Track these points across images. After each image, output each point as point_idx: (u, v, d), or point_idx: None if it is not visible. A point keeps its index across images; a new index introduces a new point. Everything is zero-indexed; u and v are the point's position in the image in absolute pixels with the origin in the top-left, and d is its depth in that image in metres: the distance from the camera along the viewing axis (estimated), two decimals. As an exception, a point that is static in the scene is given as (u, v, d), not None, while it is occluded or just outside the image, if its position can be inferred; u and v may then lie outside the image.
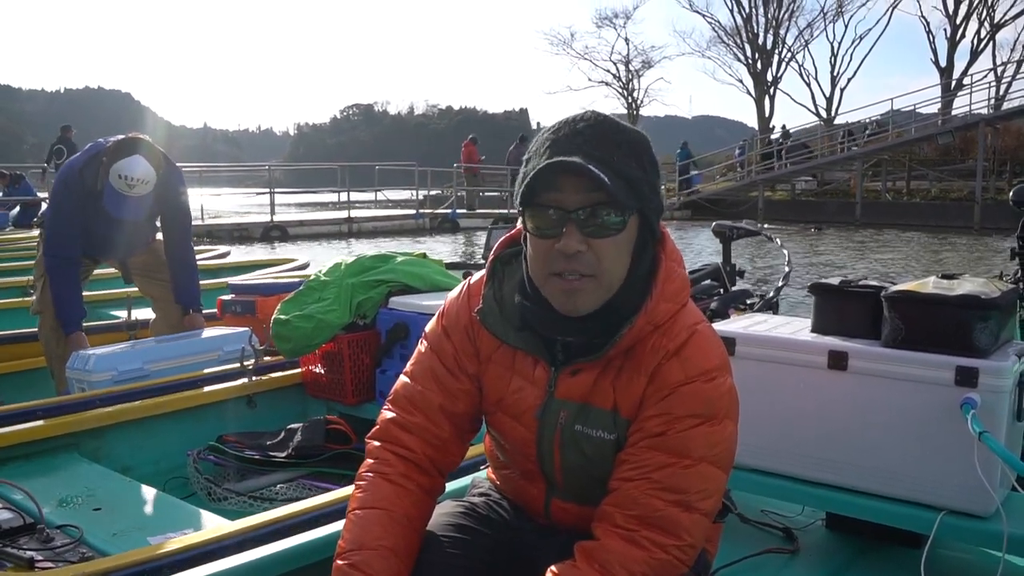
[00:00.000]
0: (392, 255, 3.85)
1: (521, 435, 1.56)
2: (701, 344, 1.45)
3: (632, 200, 1.38)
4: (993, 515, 1.96)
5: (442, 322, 1.64)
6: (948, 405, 1.96)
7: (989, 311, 1.99)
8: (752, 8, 42.00)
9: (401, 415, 1.61)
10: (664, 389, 1.42)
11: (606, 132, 1.40)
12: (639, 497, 1.39)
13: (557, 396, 1.51)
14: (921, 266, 14.72)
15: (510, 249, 1.60)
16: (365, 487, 1.55)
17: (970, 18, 38.15)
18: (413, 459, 1.57)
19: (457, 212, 24.52)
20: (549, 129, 1.44)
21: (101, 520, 2.54)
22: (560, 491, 1.59)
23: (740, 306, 3.59)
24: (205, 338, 4.11)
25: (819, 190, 30.69)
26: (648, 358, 1.44)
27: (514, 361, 1.55)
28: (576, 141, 1.38)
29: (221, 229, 20.66)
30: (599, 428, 1.48)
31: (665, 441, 1.40)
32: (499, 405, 1.58)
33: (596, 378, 1.48)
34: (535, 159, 1.41)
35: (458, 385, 1.59)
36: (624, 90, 47.48)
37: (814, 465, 2.18)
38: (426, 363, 1.62)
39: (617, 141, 1.40)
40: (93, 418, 3.21)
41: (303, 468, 3.25)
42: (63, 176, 4.16)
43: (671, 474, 1.39)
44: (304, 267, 7.50)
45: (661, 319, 1.44)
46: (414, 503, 1.54)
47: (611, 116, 1.44)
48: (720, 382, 1.44)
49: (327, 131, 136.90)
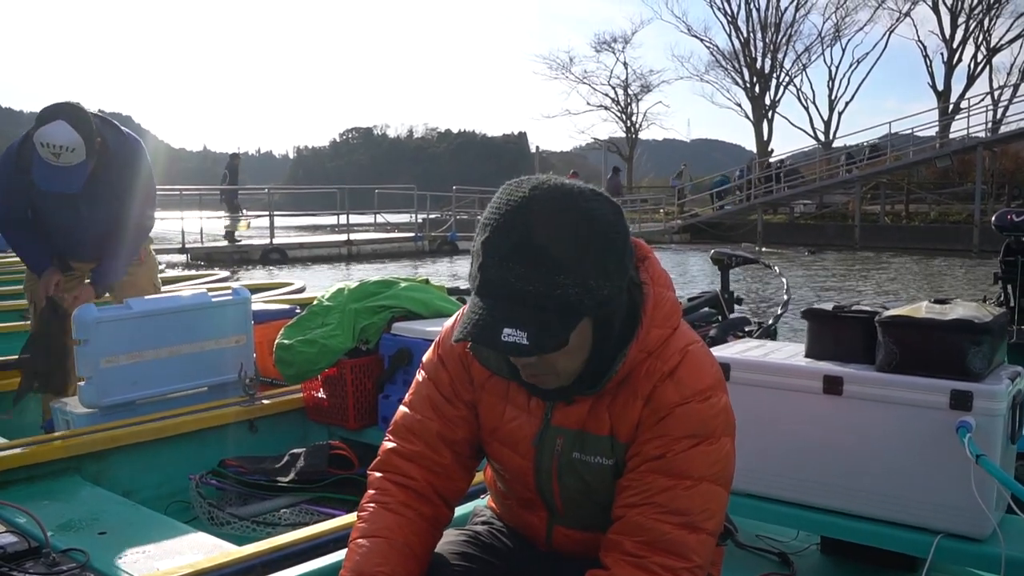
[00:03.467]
0: (395, 280, 3.86)
1: (518, 464, 1.56)
2: (694, 364, 1.45)
3: (572, 319, 1.31)
4: (990, 538, 1.98)
5: (438, 351, 1.64)
6: (943, 428, 1.98)
7: (982, 335, 2.01)
8: (750, 33, 42.38)
9: (401, 444, 1.61)
10: (660, 411, 1.42)
11: (539, 250, 1.27)
12: (645, 522, 1.39)
13: (553, 423, 1.51)
14: (923, 292, 14.73)
15: None
16: (366, 517, 1.55)
17: (967, 42, 38.52)
18: (414, 487, 1.57)
19: (456, 234, 24.59)
20: (488, 224, 1.32)
21: (106, 544, 2.54)
22: (562, 518, 1.59)
23: (739, 333, 3.61)
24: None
25: (818, 213, 30.75)
26: (643, 382, 1.44)
27: (508, 391, 1.55)
28: (507, 279, 1.28)
29: (221, 252, 20.71)
30: (597, 454, 1.48)
31: (665, 464, 1.40)
32: (494, 434, 1.58)
33: (592, 405, 1.48)
34: (472, 274, 1.34)
35: (455, 412, 1.59)
36: (623, 114, 47.80)
37: (809, 489, 2.20)
38: (423, 392, 1.62)
39: (553, 254, 1.27)
40: (95, 441, 3.21)
41: (306, 493, 3.25)
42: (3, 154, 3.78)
43: (674, 496, 1.39)
44: (300, 291, 7.43)
45: (654, 345, 1.43)
46: (415, 531, 1.53)
47: (549, 193, 1.31)
48: (715, 401, 1.44)
49: (326, 154, 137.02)
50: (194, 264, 16.09)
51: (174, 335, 3.71)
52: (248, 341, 3.96)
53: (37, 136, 3.49)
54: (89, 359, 3.46)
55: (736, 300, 4.13)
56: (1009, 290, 5.16)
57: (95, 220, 3.89)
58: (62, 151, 3.50)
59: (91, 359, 3.46)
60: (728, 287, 4.09)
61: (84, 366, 3.48)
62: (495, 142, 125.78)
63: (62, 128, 3.49)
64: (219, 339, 3.86)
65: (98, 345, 3.47)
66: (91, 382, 3.47)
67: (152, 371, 3.65)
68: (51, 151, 3.48)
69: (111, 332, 3.51)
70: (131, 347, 3.57)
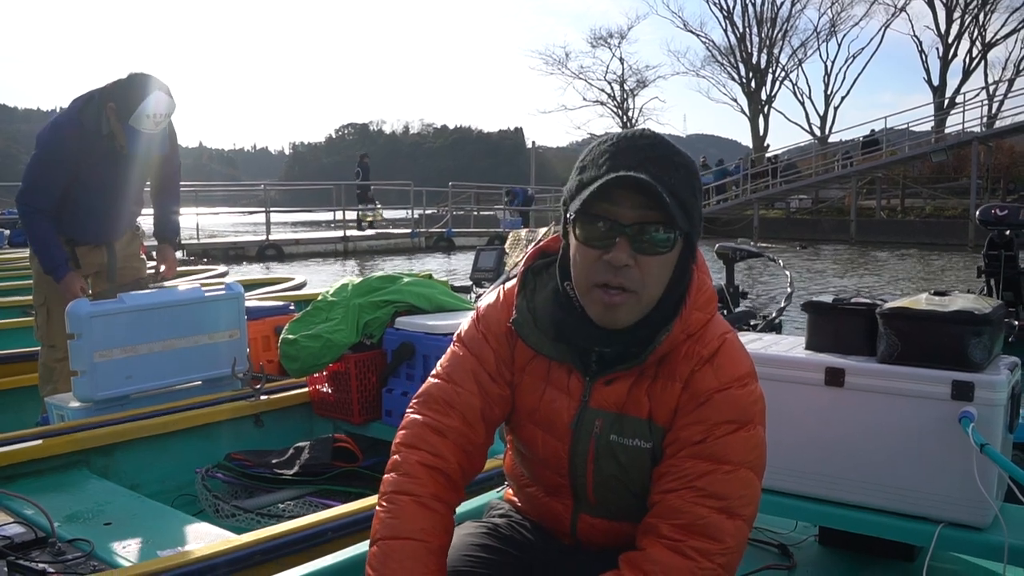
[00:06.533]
0: (399, 276, 3.88)
1: (553, 447, 1.54)
2: (732, 351, 1.48)
3: (683, 222, 1.38)
4: (991, 526, 1.99)
5: (480, 327, 1.60)
6: (945, 419, 1.99)
7: (983, 326, 2.03)
8: (746, 28, 42.43)
9: (435, 418, 1.54)
10: (699, 396, 1.44)
11: (667, 153, 1.40)
12: (683, 506, 1.39)
13: (591, 406, 1.50)
14: (919, 286, 14.77)
15: (541, 259, 1.60)
16: (395, 511, 1.46)
17: (962, 37, 38.58)
18: (445, 470, 1.50)
19: (452, 231, 24.60)
20: (606, 142, 1.44)
21: (111, 535, 2.58)
22: (590, 506, 1.57)
23: (743, 327, 3.63)
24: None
25: (814, 208, 30.80)
26: (682, 365, 1.46)
27: (549, 372, 1.54)
28: (638, 157, 1.38)
29: (216, 248, 20.69)
30: (635, 437, 1.48)
31: (704, 448, 1.41)
32: (531, 416, 1.56)
33: (630, 387, 1.48)
34: (592, 170, 1.41)
35: (498, 391, 1.56)
36: (619, 109, 47.85)
37: (811, 481, 2.20)
38: (466, 366, 1.57)
39: (675, 163, 1.40)
40: (103, 435, 3.24)
41: (310, 486, 3.28)
42: (57, 123, 3.87)
43: (713, 480, 1.39)
44: (300, 287, 7.45)
45: (694, 327, 1.46)
46: (446, 529, 1.49)
47: (665, 137, 1.44)
48: (752, 388, 1.46)
49: (322, 150, 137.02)
50: (189, 260, 16.07)
51: (167, 329, 3.75)
52: (241, 336, 4.00)
53: (143, 109, 3.68)
54: (83, 353, 3.49)
55: (741, 294, 4.16)
56: (992, 283, 5.20)
57: (138, 182, 4.12)
58: (164, 119, 3.78)
59: (84, 353, 3.49)
60: (733, 281, 4.12)
61: (78, 360, 3.51)
62: (491, 138, 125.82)
63: (163, 98, 3.73)
64: (212, 334, 3.90)
65: (91, 339, 3.50)
66: (85, 376, 3.50)
67: (146, 365, 3.68)
68: (155, 121, 3.74)
69: (104, 326, 3.54)
70: (124, 341, 3.60)
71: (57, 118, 3.92)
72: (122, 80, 3.76)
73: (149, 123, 3.72)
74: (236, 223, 31.98)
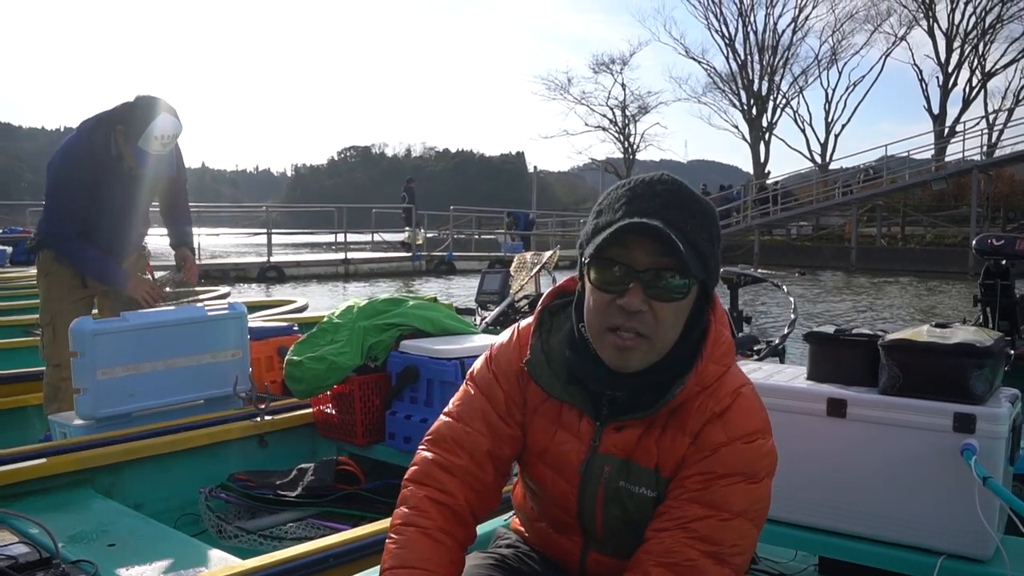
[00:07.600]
0: (404, 299, 3.88)
1: (562, 489, 1.54)
2: (745, 407, 1.48)
3: (698, 270, 1.39)
4: (993, 558, 1.99)
5: (491, 367, 1.61)
6: (947, 451, 2.00)
7: (985, 359, 2.03)
8: (747, 55, 42.68)
9: (444, 456, 1.56)
10: (705, 450, 1.44)
11: (684, 200, 1.41)
12: (673, 546, 1.39)
13: (600, 451, 1.50)
14: (919, 315, 14.76)
15: (559, 300, 1.60)
16: (403, 542, 1.48)
17: (962, 67, 38.81)
18: (453, 507, 1.52)
19: (453, 254, 24.64)
20: (623, 186, 1.45)
21: (115, 556, 2.57)
22: (599, 544, 1.57)
23: (747, 352, 3.64)
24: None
25: (814, 235, 30.86)
26: (693, 419, 1.46)
27: (560, 414, 1.54)
28: (654, 204, 1.38)
29: (218, 269, 20.72)
30: (642, 485, 1.48)
31: (705, 495, 1.42)
32: (542, 457, 1.56)
33: (640, 436, 1.49)
34: (608, 214, 1.41)
35: (508, 431, 1.57)
36: (620, 135, 48.03)
37: (811, 510, 2.20)
38: (476, 405, 1.59)
39: (692, 210, 1.41)
40: (108, 454, 3.24)
41: (313, 508, 3.27)
42: (67, 147, 3.93)
43: (708, 525, 1.40)
44: (302, 309, 7.42)
45: (709, 380, 1.46)
46: (453, 561, 1.50)
47: (685, 183, 1.44)
48: (760, 444, 1.46)
49: (324, 172, 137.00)
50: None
51: (170, 348, 3.75)
52: (244, 355, 4.00)
53: (151, 131, 3.76)
54: (85, 371, 3.49)
55: (745, 319, 4.17)
56: (988, 312, 5.23)
57: (146, 203, 4.20)
58: (171, 140, 3.85)
59: (87, 371, 3.49)
60: (737, 306, 4.13)
61: (80, 378, 3.51)
62: (493, 162, 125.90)
63: (170, 119, 3.81)
64: (215, 352, 3.90)
65: (94, 357, 3.50)
66: (87, 394, 3.50)
67: (148, 383, 3.67)
68: (162, 142, 3.82)
69: (108, 344, 3.54)
70: (127, 359, 3.60)
71: (67, 143, 3.98)
72: (130, 103, 3.84)
73: (157, 144, 3.80)
74: (238, 244, 32.01)
